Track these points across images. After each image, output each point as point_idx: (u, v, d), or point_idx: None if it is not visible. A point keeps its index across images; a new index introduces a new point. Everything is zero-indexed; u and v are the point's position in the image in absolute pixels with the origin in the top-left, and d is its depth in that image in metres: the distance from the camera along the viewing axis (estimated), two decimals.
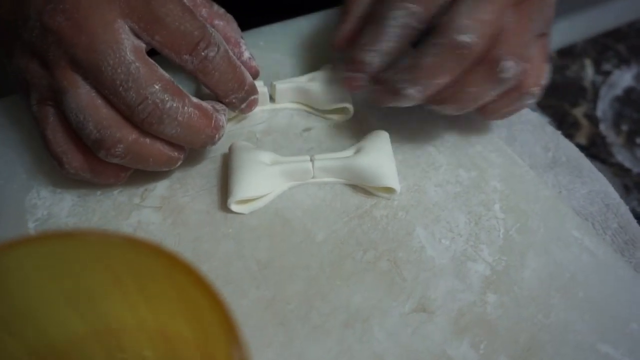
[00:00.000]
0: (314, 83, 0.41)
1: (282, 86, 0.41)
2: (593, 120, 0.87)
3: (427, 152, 0.40)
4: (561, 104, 0.95)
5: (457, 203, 0.37)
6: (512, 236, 0.35)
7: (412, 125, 0.41)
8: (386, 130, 0.41)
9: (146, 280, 0.20)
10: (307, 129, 0.41)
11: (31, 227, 0.35)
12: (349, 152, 0.37)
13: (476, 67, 0.32)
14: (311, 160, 0.37)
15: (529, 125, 0.43)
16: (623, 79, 0.94)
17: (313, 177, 0.37)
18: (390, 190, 0.36)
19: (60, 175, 0.38)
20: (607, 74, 0.96)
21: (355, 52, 0.35)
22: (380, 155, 0.37)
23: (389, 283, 0.33)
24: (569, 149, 0.41)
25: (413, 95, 0.34)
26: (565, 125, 0.79)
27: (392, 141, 0.39)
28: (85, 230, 0.18)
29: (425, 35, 0.33)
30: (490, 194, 0.37)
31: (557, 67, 0.82)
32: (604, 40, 1.03)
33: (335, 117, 0.41)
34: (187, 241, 0.34)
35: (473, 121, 0.42)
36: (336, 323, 0.31)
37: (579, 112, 0.94)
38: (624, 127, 0.88)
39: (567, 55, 0.98)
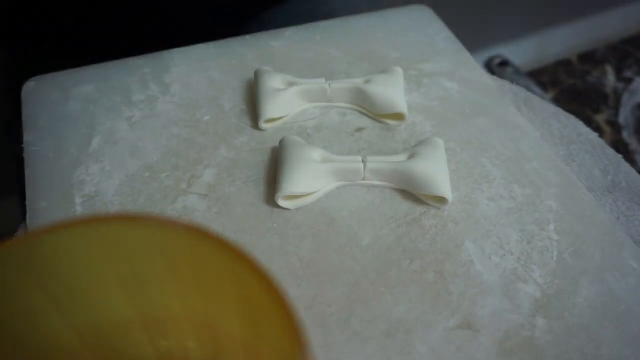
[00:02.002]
0: (370, 85, 0.40)
1: (337, 85, 0.40)
2: (615, 126, 0.85)
3: (480, 163, 0.38)
4: (583, 110, 0.92)
5: (509, 219, 0.35)
6: (566, 259, 0.33)
7: (467, 134, 0.40)
8: (439, 136, 0.40)
9: (204, 271, 0.19)
10: (359, 129, 0.40)
11: (78, 202, 0.35)
12: (401, 157, 0.36)
13: None
14: (363, 161, 0.36)
15: (588, 146, 0.41)
16: None
17: (363, 179, 0.36)
18: (441, 199, 0.35)
19: (110, 152, 0.38)
20: (629, 80, 0.93)
21: None
22: (434, 163, 0.35)
23: (434, 295, 0.32)
24: (629, 174, 0.40)
25: None
26: None
27: (445, 149, 0.38)
28: (147, 215, 0.18)
29: None
30: (545, 213, 0.36)
31: (579, 71, 0.80)
32: (624, 46, 1.00)
33: (389, 121, 0.40)
34: (231, 232, 0.34)
35: (530, 135, 0.40)
36: (377, 331, 0.30)
37: (601, 118, 0.91)
38: None
39: (588, 60, 0.96)
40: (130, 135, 0.39)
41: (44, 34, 0.51)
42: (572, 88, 0.67)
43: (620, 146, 0.79)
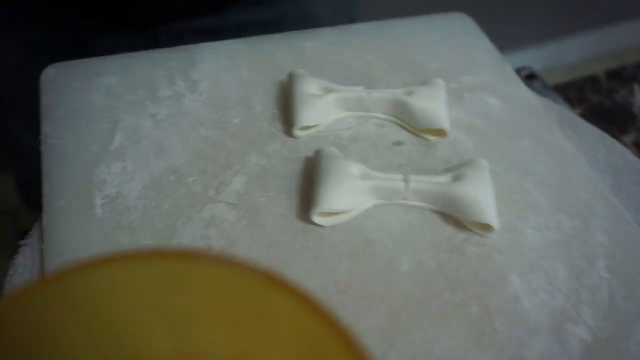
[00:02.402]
0: (412, 98, 0.38)
1: (377, 95, 0.38)
2: None
3: (525, 189, 0.36)
4: (610, 129, 0.90)
5: (557, 252, 0.33)
6: (618, 302, 0.31)
7: (511, 156, 0.38)
8: (482, 157, 0.37)
9: (259, 313, 0.17)
10: (398, 143, 0.38)
11: (98, 204, 0.33)
12: (446, 178, 0.34)
13: None
14: (405, 180, 0.33)
15: (637, 176, 0.39)
16: None
17: (403, 199, 0.34)
18: (486, 226, 0.33)
19: (133, 151, 0.35)
20: None
21: None
22: (481, 188, 0.33)
23: (479, 333, 0.29)
24: None
25: None
26: None
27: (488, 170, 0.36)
28: (199, 251, 0.15)
29: None
30: (595, 248, 0.34)
31: (606, 90, 0.78)
32: None
33: (430, 136, 0.38)
34: (262, 247, 0.32)
35: (577, 162, 0.38)
36: None
37: (628, 139, 0.89)
38: None
39: (615, 78, 0.93)
40: (156, 134, 0.37)
41: None
42: (600, 106, 0.65)
43: None
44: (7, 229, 1.06)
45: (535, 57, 1.41)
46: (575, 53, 1.47)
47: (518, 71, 0.62)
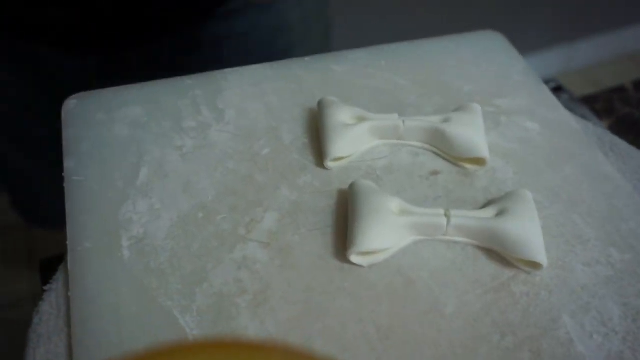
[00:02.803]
0: (449, 125, 0.36)
1: (413, 124, 0.36)
2: None
3: (571, 220, 0.34)
4: (638, 141, 0.87)
5: (609, 290, 0.31)
6: None
7: (554, 185, 0.36)
8: (523, 185, 0.36)
9: None
10: (434, 173, 0.36)
11: (125, 245, 0.31)
12: (489, 212, 0.32)
13: None
14: (446, 215, 0.32)
15: None
16: None
17: (444, 235, 0.32)
18: (533, 264, 0.31)
19: (159, 186, 0.34)
20: None
21: None
22: (527, 222, 0.31)
23: None
24: None
25: None
26: None
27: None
28: (249, 342, 0.14)
29: None
30: None
31: (634, 100, 0.76)
32: None
33: (467, 165, 0.36)
34: (298, 290, 0.30)
35: (623, 189, 0.36)
36: None
37: None
38: None
39: None
40: (182, 167, 0.35)
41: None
42: (628, 117, 0.63)
43: None
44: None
45: (548, 61, 1.39)
46: (588, 56, 1.44)
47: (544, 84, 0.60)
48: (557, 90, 0.69)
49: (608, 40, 1.43)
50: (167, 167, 0.35)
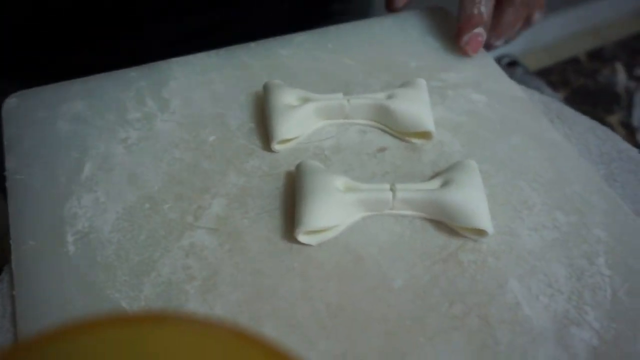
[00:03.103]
0: (394, 101, 0.36)
1: (357, 101, 0.36)
2: (629, 128, 0.81)
3: (517, 187, 0.35)
4: (595, 111, 0.88)
5: (555, 252, 0.32)
6: (622, 299, 0.30)
7: (501, 154, 0.36)
8: (470, 157, 0.36)
9: None
10: (382, 149, 0.36)
11: (70, 240, 0.31)
12: (434, 184, 0.32)
13: None
14: (391, 189, 0.32)
15: (631, 164, 0.38)
16: None
17: (391, 209, 0.32)
18: (480, 231, 0.31)
19: (104, 180, 0.33)
20: None
21: (465, 12, 0.40)
22: (472, 191, 0.32)
23: (480, 346, 0.28)
24: None
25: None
26: None
27: (478, 171, 0.34)
28: (178, 315, 0.14)
29: None
30: (593, 244, 0.32)
31: (588, 71, 0.76)
32: (633, 43, 0.96)
33: (414, 139, 0.36)
34: (247, 273, 0.30)
35: (569, 154, 0.37)
36: None
37: (614, 120, 0.88)
38: None
39: (596, 58, 0.92)
40: (127, 160, 0.35)
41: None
42: (583, 88, 0.63)
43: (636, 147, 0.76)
44: None
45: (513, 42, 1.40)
46: (551, 33, 1.45)
47: (498, 59, 0.61)
48: (512, 64, 0.70)
49: (570, 17, 1.45)
50: (111, 160, 0.35)
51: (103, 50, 0.46)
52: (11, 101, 0.38)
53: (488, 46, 0.43)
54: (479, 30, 0.40)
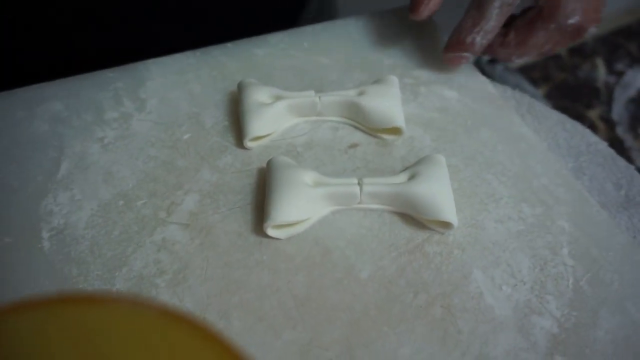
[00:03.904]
0: (364, 98, 0.37)
1: (328, 99, 0.37)
2: (609, 123, 0.82)
3: (485, 180, 0.36)
4: (575, 106, 0.89)
5: (519, 243, 0.32)
6: (583, 288, 0.31)
7: (470, 148, 0.37)
8: (440, 152, 0.37)
9: (176, 354, 0.16)
10: (353, 145, 0.37)
11: (45, 237, 0.32)
12: (401, 177, 0.33)
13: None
14: (359, 183, 0.33)
15: (599, 157, 0.39)
16: (636, 79, 0.89)
17: (359, 203, 0.33)
18: (446, 224, 0.32)
19: (80, 178, 0.34)
20: (620, 74, 0.90)
21: (460, 35, 0.39)
22: (437, 185, 0.32)
23: (442, 334, 0.29)
24: None
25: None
26: None
27: (447, 165, 0.35)
28: (117, 296, 0.15)
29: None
30: (558, 235, 0.33)
31: (569, 66, 0.77)
32: (613, 38, 0.97)
33: (385, 136, 0.37)
34: (216, 267, 0.31)
35: (537, 148, 0.38)
36: None
37: (594, 114, 0.89)
38: None
39: (577, 54, 0.92)
40: (103, 158, 0.36)
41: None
42: (564, 83, 0.64)
43: (615, 143, 0.76)
44: None
45: None
46: None
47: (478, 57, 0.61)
48: (492, 61, 0.71)
49: None
50: (88, 159, 0.36)
51: (80, 51, 0.47)
52: None
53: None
54: (466, 55, 0.39)
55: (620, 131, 0.84)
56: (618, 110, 0.85)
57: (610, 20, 1.10)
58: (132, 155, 0.36)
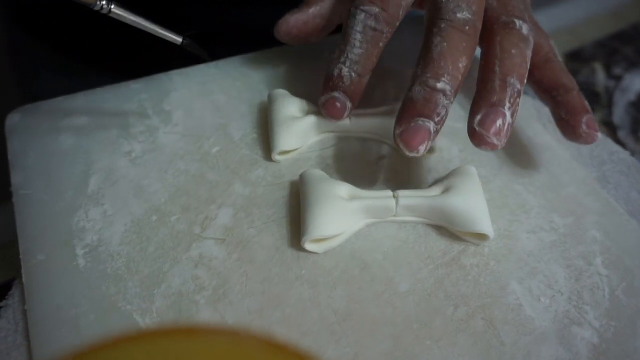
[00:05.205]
0: (393, 117, 0.37)
1: (357, 118, 0.37)
2: (611, 127, 0.83)
3: (515, 191, 0.36)
4: None
5: (553, 254, 0.33)
6: (619, 297, 0.31)
7: (497, 158, 0.37)
8: (468, 162, 0.37)
9: None
10: (382, 157, 0.37)
11: (79, 253, 0.31)
12: (436, 190, 0.33)
13: (501, 32, 0.32)
14: (394, 196, 0.33)
15: (622, 166, 0.39)
16: (634, 82, 0.90)
17: (394, 215, 0.33)
18: (480, 235, 0.32)
19: (110, 193, 0.34)
20: (618, 78, 0.91)
21: (327, 69, 0.34)
22: (472, 197, 0.33)
23: (486, 347, 0.29)
24: None
25: (445, 89, 0.30)
26: None
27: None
28: (217, 327, 0.14)
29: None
30: (590, 245, 0.33)
31: (570, 71, 0.78)
32: (610, 42, 0.98)
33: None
34: (256, 282, 0.31)
35: (561, 157, 0.38)
36: None
37: (596, 118, 0.89)
38: None
39: (576, 59, 0.94)
40: (132, 172, 0.35)
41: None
42: None
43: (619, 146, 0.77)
44: None
45: None
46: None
47: None
48: None
49: (549, 15, 1.47)
50: (116, 173, 0.35)
51: (105, 66, 0.46)
52: (14, 116, 0.38)
53: None
54: (337, 94, 0.33)
55: (622, 135, 0.85)
56: (619, 114, 0.86)
57: (606, 23, 1.11)
58: (162, 168, 0.36)
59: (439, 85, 0.30)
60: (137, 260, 0.31)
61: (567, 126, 0.34)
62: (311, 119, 0.36)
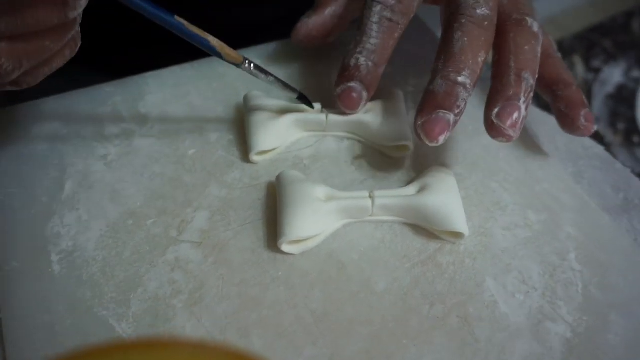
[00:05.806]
0: (371, 115, 0.37)
1: (335, 117, 0.37)
2: None
3: (490, 188, 0.36)
4: None
5: (528, 250, 0.33)
6: (592, 292, 0.32)
7: (473, 155, 0.38)
8: (445, 162, 0.37)
9: None
10: (359, 157, 0.37)
11: (54, 260, 0.31)
12: (412, 189, 0.34)
13: (514, 29, 0.33)
14: (370, 197, 0.33)
15: (597, 161, 0.40)
16: (613, 75, 0.91)
17: (371, 215, 0.33)
18: (456, 234, 0.33)
19: (86, 198, 0.34)
20: (597, 70, 0.92)
21: (344, 60, 0.35)
22: (448, 195, 0.33)
23: (461, 344, 0.29)
24: None
25: (465, 82, 0.32)
26: None
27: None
28: (181, 340, 0.14)
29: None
30: (564, 241, 0.34)
31: None
32: (590, 35, 1.00)
33: (392, 152, 0.37)
34: (232, 285, 0.31)
35: (537, 153, 0.38)
36: None
37: None
38: (620, 126, 0.85)
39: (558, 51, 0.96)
40: (108, 176, 0.35)
41: None
42: None
43: (597, 139, 0.78)
44: None
45: None
46: None
47: None
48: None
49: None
50: (92, 177, 0.35)
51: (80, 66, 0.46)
52: None
53: None
54: (354, 84, 0.34)
55: (601, 127, 0.86)
56: (598, 107, 0.87)
57: (586, 15, 1.12)
58: (137, 172, 0.35)
59: (460, 79, 0.31)
60: (113, 265, 0.31)
61: (567, 119, 0.36)
62: (288, 119, 0.36)
